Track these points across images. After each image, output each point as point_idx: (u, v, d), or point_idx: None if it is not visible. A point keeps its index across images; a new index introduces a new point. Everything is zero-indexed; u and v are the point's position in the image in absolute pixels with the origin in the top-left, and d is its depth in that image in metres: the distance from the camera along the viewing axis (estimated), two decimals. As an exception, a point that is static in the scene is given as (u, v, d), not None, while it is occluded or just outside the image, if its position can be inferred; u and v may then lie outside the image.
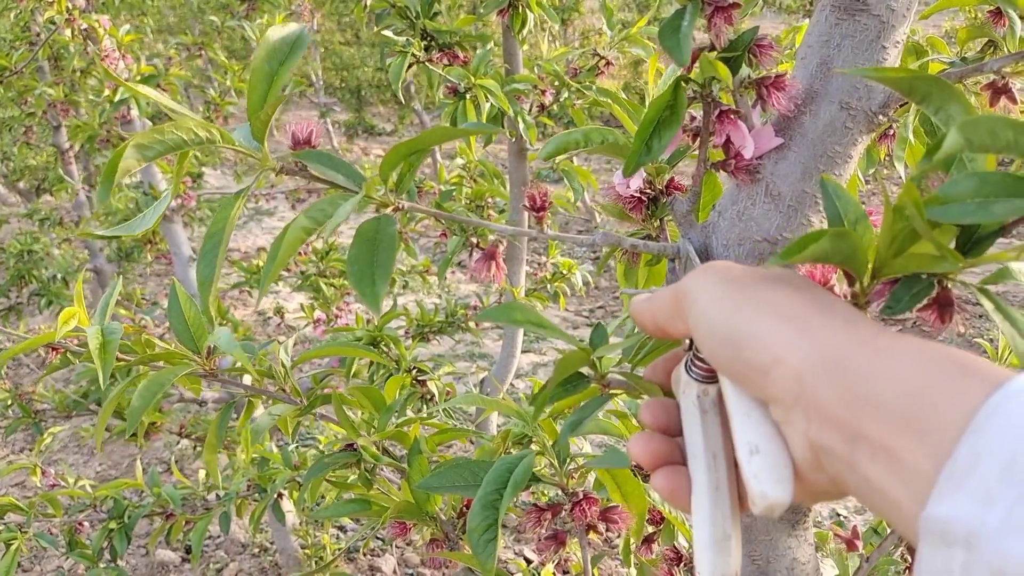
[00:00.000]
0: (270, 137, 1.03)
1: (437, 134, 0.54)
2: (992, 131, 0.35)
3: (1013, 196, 0.38)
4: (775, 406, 0.37)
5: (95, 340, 0.71)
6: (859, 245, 0.41)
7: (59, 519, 1.72)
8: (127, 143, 0.47)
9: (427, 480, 0.66)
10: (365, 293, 0.48)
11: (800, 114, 0.55)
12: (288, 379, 0.81)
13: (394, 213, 0.54)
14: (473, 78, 1.44)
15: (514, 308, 0.48)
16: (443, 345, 4.51)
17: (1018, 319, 0.41)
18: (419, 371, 1.73)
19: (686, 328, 0.42)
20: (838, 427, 0.33)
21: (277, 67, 0.51)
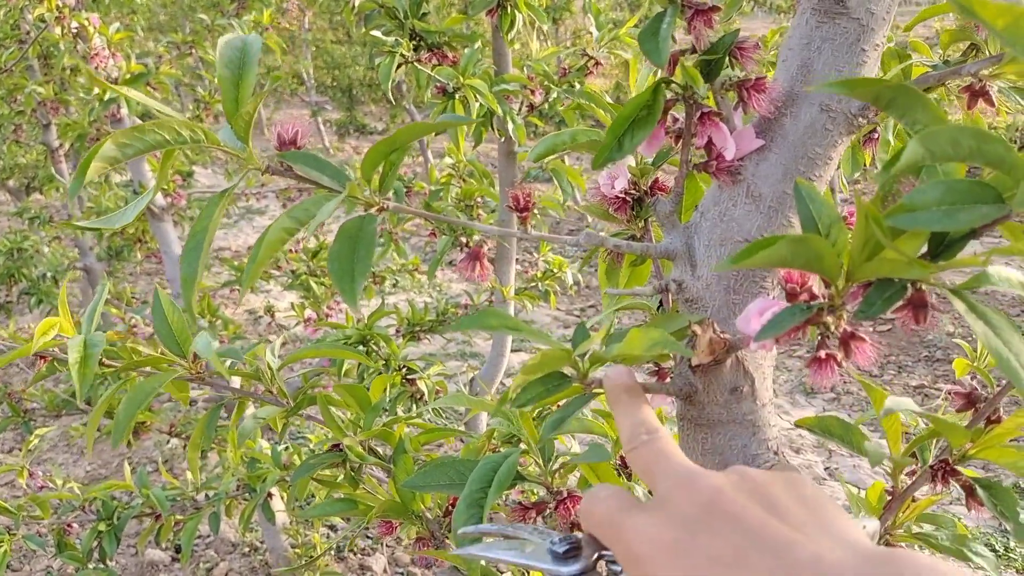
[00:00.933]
0: (260, 136, 1.01)
1: (416, 129, 0.54)
2: (954, 141, 0.36)
3: (979, 203, 0.39)
4: None
5: (76, 353, 0.71)
6: (823, 251, 0.41)
7: (48, 520, 1.72)
8: (106, 139, 0.47)
9: (413, 479, 0.66)
10: (345, 289, 0.49)
11: (781, 116, 0.55)
12: (275, 381, 0.81)
13: (378, 213, 0.55)
14: (462, 78, 1.44)
15: (488, 315, 0.48)
16: (434, 344, 4.51)
17: (992, 317, 0.41)
18: (408, 370, 1.73)
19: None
20: None
21: (237, 71, 0.52)
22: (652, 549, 0.39)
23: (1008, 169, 0.38)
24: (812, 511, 0.40)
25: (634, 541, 0.40)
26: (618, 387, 0.51)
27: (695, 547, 0.38)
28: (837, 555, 0.35)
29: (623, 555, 0.41)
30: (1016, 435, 0.55)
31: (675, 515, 0.40)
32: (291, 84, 9.06)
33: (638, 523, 0.40)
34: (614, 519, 0.42)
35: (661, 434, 0.47)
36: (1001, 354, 0.39)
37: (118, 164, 0.49)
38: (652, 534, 0.39)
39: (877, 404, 0.59)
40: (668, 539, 0.38)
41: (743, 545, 0.37)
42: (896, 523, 0.60)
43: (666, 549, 0.38)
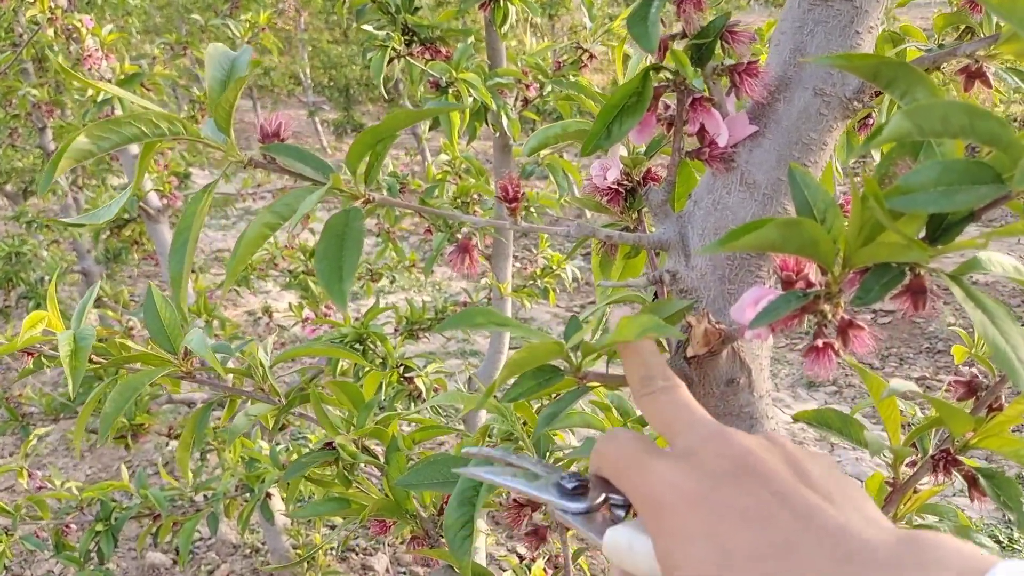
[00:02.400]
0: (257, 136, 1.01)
1: (401, 117, 0.53)
2: (944, 116, 0.35)
3: (977, 183, 0.38)
4: None
5: (66, 346, 0.70)
6: (817, 235, 0.40)
7: (46, 521, 1.71)
8: (79, 132, 0.46)
9: (405, 477, 0.65)
10: (333, 290, 0.47)
11: (774, 101, 0.54)
12: (266, 379, 0.80)
13: (364, 206, 0.54)
14: (455, 72, 1.43)
15: (476, 313, 0.47)
16: (434, 343, 4.50)
17: (989, 305, 0.40)
18: (406, 368, 1.72)
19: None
20: None
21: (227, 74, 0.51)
22: (675, 497, 0.38)
23: (1004, 147, 0.37)
24: (841, 487, 0.39)
25: (656, 486, 0.39)
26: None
27: (720, 499, 0.37)
28: (863, 529, 0.35)
29: (641, 499, 0.40)
30: (1018, 423, 0.54)
31: (702, 467, 0.39)
32: (288, 84, 9.04)
33: (661, 469, 0.39)
34: (634, 461, 0.41)
35: (678, 383, 0.46)
36: (998, 345, 0.38)
37: (93, 158, 0.48)
38: (676, 482, 0.38)
39: (874, 392, 0.58)
40: (692, 488, 0.38)
41: (771, 503, 0.36)
42: (897, 515, 0.59)
43: (690, 498, 0.37)
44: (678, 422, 0.43)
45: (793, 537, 0.35)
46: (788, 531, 0.35)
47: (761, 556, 0.34)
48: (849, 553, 0.34)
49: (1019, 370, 0.38)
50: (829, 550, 0.34)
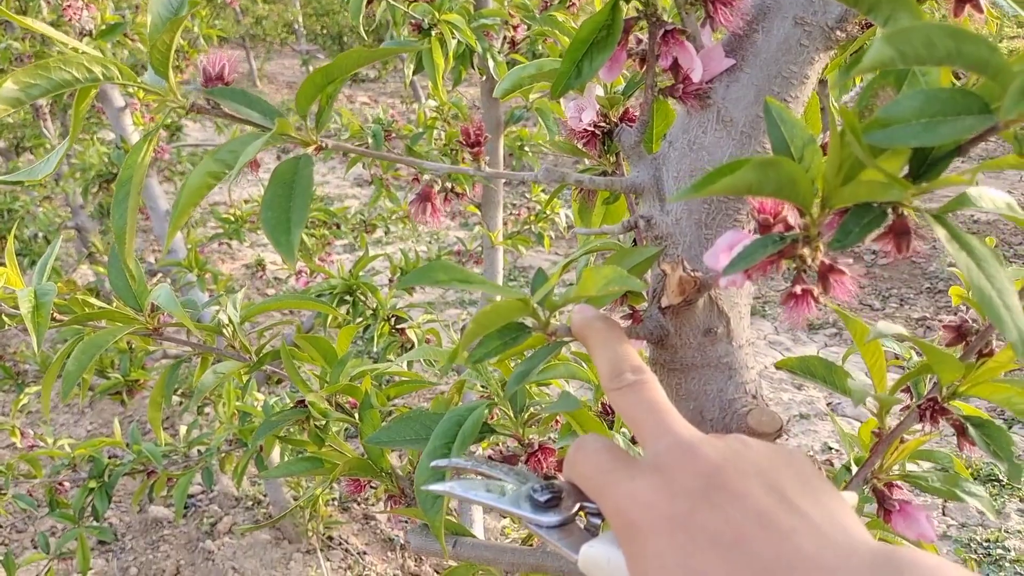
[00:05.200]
0: (252, 88, 0.95)
1: (354, 56, 0.49)
2: (928, 41, 0.32)
3: (963, 114, 0.34)
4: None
5: (27, 303, 0.67)
6: (795, 175, 0.37)
7: (40, 480, 1.70)
8: (5, 78, 0.43)
9: (377, 434, 0.63)
10: (280, 241, 0.45)
11: (752, 32, 0.51)
12: (236, 335, 0.77)
13: (316, 152, 0.51)
14: (438, 14, 1.38)
15: (436, 268, 0.44)
16: (432, 293, 4.48)
17: (975, 247, 0.37)
18: (397, 319, 1.70)
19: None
20: None
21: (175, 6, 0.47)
22: (648, 519, 0.37)
23: (993, 73, 0.34)
24: (815, 498, 0.37)
25: (628, 506, 0.38)
26: (588, 319, 0.47)
27: (693, 523, 0.36)
28: (839, 549, 0.34)
29: (614, 518, 0.38)
30: (1010, 368, 0.51)
31: (673, 484, 0.37)
32: (281, 33, 8.90)
33: (634, 488, 0.38)
34: (606, 477, 0.40)
35: (647, 377, 0.44)
36: (983, 291, 0.35)
37: (22, 106, 0.45)
38: (649, 502, 0.37)
39: (857, 336, 0.55)
40: (665, 510, 0.36)
41: (744, 526, 0.35)
42: (883, 467, 0.57)
43: (663, 520, 0.36)
44: (647, 426, 0.41)
45: (767, 562, 0.33)
46: (763, 557, 0.34)
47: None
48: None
49: (1005, 317, 0.35)
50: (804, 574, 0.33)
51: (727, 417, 0.53)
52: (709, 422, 0.54)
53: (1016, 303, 0.36)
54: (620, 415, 0.44)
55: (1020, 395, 0.49)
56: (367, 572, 2.62)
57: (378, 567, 2.65)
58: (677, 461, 0.38)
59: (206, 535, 2.78)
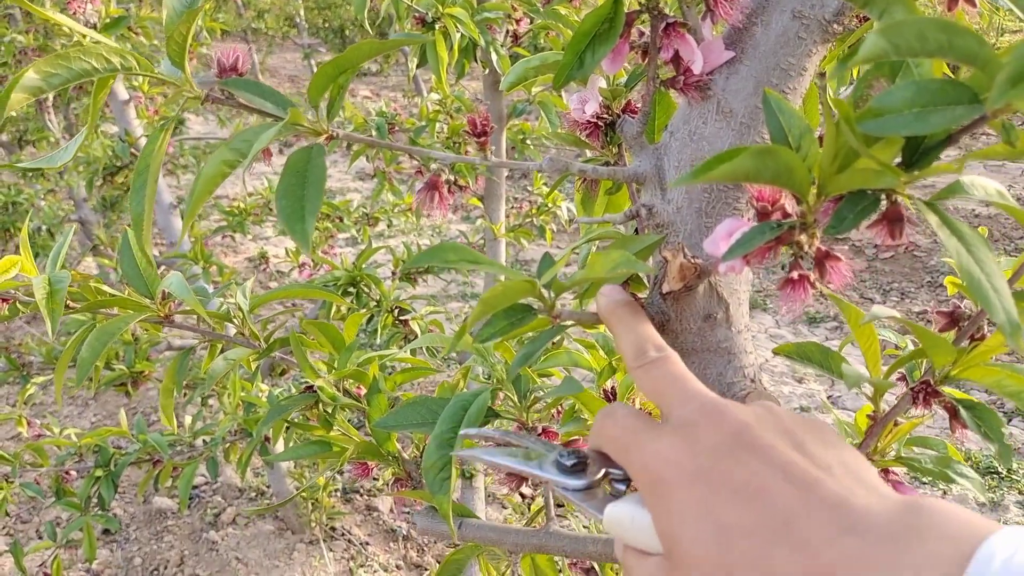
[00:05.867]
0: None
1: (364, 49, 0.51)
2: (920, 34, 0.33)
3: (953, 104, 0.36)
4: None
5: (42, 290, 0.69)
6: (792, 162, 0.38)
7: (46, 469, 1.72)
8: (27, 68, 0.44)
9: (384, 419, 0.64)
10: (295, 229, 0.46)
11: (751, 25, 0.52)
12: (246, 323, 0.79)
13: (327, 142, 0.52)
14: (441, 7, 1.39)
15: (446, 248, 0.45)
16: (435, 286, 4.50)
17: (965, 232, 0.39)
18: (401, 311, 1.71)
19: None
20: None
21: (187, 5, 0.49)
22: (673, 473, 0.38)
23: (982, 65, 0.35)
24: (840, 457, 0.39)
25: (654, 463, 0.39)
26: (614, 303, 0.49)
27: (718, 475, 0.37)
28: (863, 499, 0.35)
29: (640, 475, 0.40)
30: (1001, 352, 0.52)
31: (699, 441, 0.39)
32: (283, 27, 8.90)
33: (659, 446, 0.39)
34: (633, 437, 0.41)
35: (671, 354, 0.46)
36: (972, 273, 0.37)
37: (43, 95, 0.46)
38: (674, 458, 0.39)
39: (852, 320, 0.57)
40: (690, 465, 0.38)
41: (768, 478, 0.36)
42: (876, 449, 0.59)
43: (688, 474, 0.38)
44: (673, 394, 0.43)
45: (792, 511, 0.35)
46: (787, 505, 0.35)
47: (760, 531, 0.35)
48: (850, 525, 0.34)
49: (993, 300, 0.37)
50: (829, 522, 0.34)
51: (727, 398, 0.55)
52: (708, 405, 0.55)
53: (1004, 286, 0.38)
54: (644, 392, 0.45)
55: (1010, 377, 0.50)
56: (370, 563, 2.64)
57: (380, 558, 2.67)
58: (704, 420, 0.40)
59: (210, 526, 2.80)
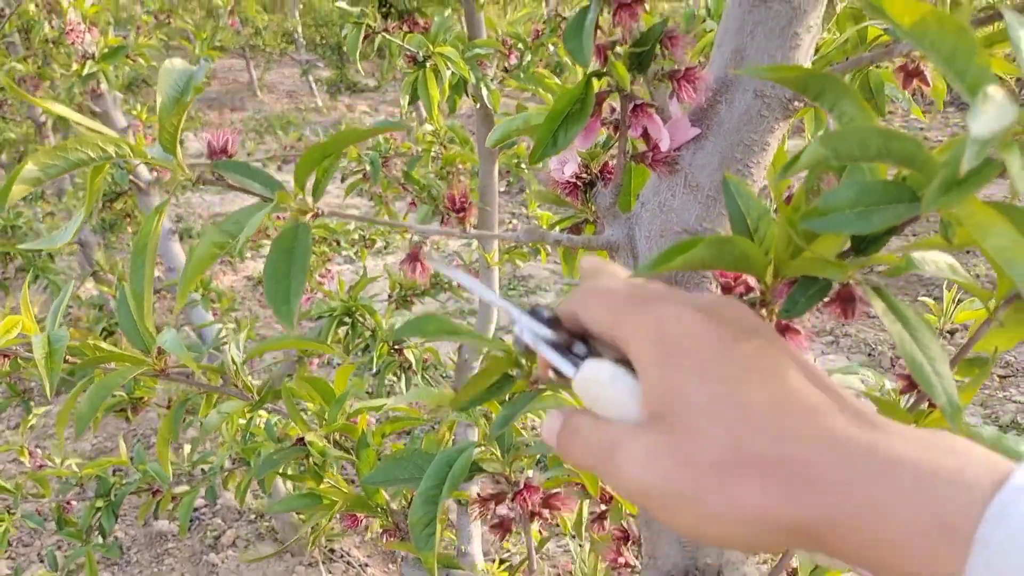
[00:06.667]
0: (252, 98, 0.97)
1: (349, 135, 0.53)
2: (861, 142, 0.36)
3: (894, 202, 0.38)
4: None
5: (41, 349, 0.71)
6: (748, 251, 0.41)
7: (48, 499, 1.74)
8: (27, 160, 0.47)
9: (373, 475, 0.67)
10: (280, 310, 0.49)
11: (716, 103, 0.55)
12: (239, 375, 0.81)
13: (313, 219, 0.54)
14: (432, 46, 1.42)
15: (426, 320, 0.48)
16: (432, 304, 4.52)
17: (909, 318, 0.41)
18: (395, 340, 1.73)
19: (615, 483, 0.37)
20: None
21: (182, 87, 0.51)
22: (692, 342, 0.36)
23: (920, 166, 0.38)
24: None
25: (671, 329, 0.36)
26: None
27: (743, 353, 0.36)
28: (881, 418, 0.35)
29: (642, 335, 0.37)
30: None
31: (723, 320, 0.37)
32: (280, 44, 8.95)
33: (670, 311, 0.37)
34: (627, 307, 0.39)
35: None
36: (915, 359, 0.39)
37: (42, 184, 0.49)
38: (689, 322, 0.37)
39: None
40: (714, 336, 0.36)
41: (793, 371, 0.36)
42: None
43: (710, 345, 0.36)
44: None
45: (817, 404, 0.34)
46: (812, 397, 0.34)
47: (783, 413, 0.34)
48: (874, 423, 0.33)
49: (935, 383, 0.39)
50: (853, 417, 0.34)
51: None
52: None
53: (946, 370, 0.40)
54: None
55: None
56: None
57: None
58: (725, 304, 0.39)
59: (210, 548, 2.81)
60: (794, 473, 0.32)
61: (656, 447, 0.35)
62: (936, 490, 0.31)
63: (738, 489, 0.33)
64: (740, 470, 0.33)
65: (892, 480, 0.31)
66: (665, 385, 0.35)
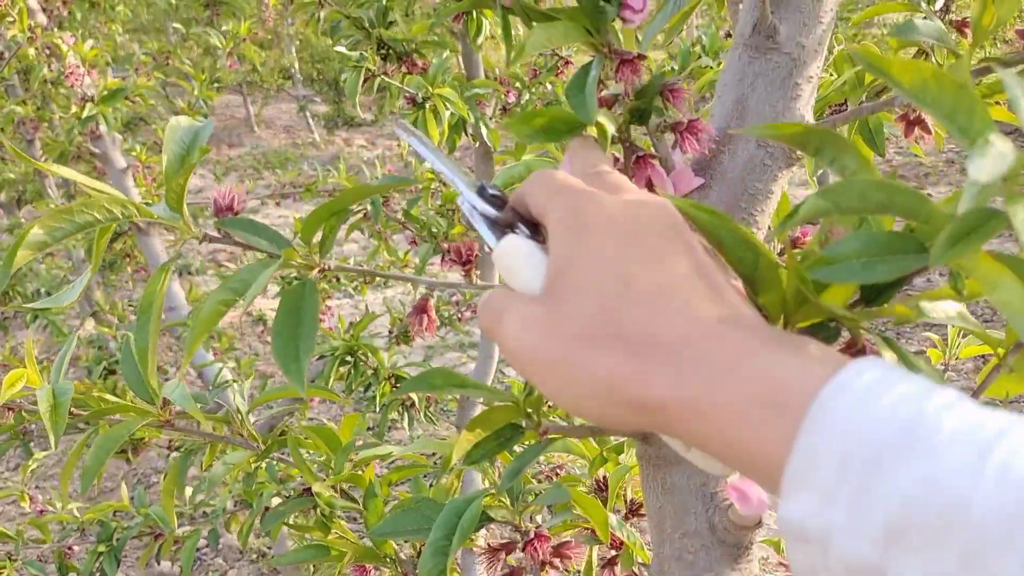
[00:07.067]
0: (249, 133, 0.97)
1: (357, 192, 0.54)
2: (862, 194, 0.36)
3: (899, 253, 0.38)
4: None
5: (46, 402, 0.71)
6: (769, 275, 0.41)
7: (49, 545, 1.73)
8: (33, 224, 0.47)
9: (381, 526, 0.66)
10: (290, 369, 0.48)
11: (719, 153, 0.55)
12: (244, 424, 0.81)
13: (319, 274, 0.55)
14: (431, 88, 1.43)
15: (434, 375, 0.48)
16: (433, 338, 4.51)
17: (921, 369, 0.41)
18: (397, 378, 1.73)
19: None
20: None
21: (188, 144, 0.51)
22: (601, 220, 0.38)
23: (924, 220, 0.38)
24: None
25: (584, 205, 0.38)
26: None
27: (649, 247, 0.37)
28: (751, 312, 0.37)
29: (562, 213, 0.39)
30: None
31: (639, 211, 0.38)
32: (277, 79, 9.02)
33: (594, 198, 0.39)
34: (570, 187, 0.40)
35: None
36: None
37: (48, 248, 0.49)
38: (608, 207, 0.38)
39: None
40: (622, 219, 0.38)
41: (687, 268, 0.37)
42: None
43: (614, 226, 0.38)
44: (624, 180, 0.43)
45: (698, 295, 0.36)
46: (696, 289, 0.36)
47: (662, 298, 0.35)
48: (743, 321, 0.36)
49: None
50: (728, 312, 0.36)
51: (709, 510, 0.57)
52: (692, 513, 0.57)
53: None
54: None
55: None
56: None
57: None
58: (652, 202, 0.39)
59: (212, 589, 2.79)
60: (652, 353, 0.34)
61: (534, 313, 0.36)
62: (773, 369, 0.32)
63: (596, 360, 0.34)
64: (603, 342, 0.34)
65: (736, 365, 0.33)
66: (564, 259, 0.37)
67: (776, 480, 0.31)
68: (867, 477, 0.28)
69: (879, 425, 0.29)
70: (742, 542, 0.57)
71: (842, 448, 0.29)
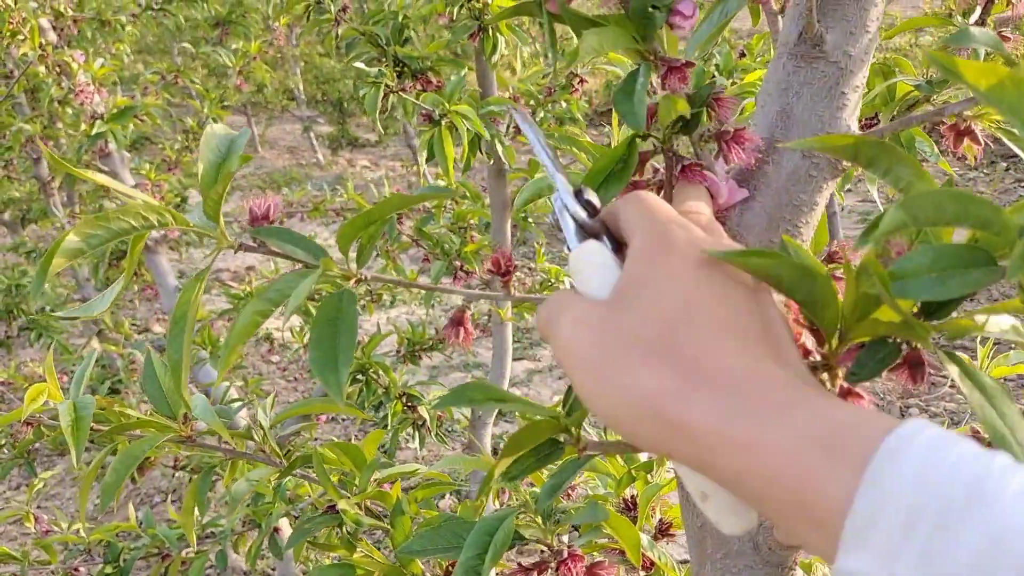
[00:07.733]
0: (254, 153, 0.97)
1: (394, 202, 0.53)
2: (938, 205, 0.35)
3: (970, 267, 0.37)
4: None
5: (67, 417, 0.70)
6: (824, 293, 0.40)
7: (55, 565, 1.71)
8: (69, 231, 0.46)
9: (410, 544, 0.65)
10: (329, 381, 0.47)
11: (763, 164, 0.54)
12: (267, 440, 0.80)
13: (356, 284, 0.54)
14: (448, 104, 1.43)
15: (473, 389, 0.47)
16: (437, 357, 4.50)
17: (987, 385, 0.40)
18: (409, 397, 1.72)
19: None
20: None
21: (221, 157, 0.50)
22: (683, 250, 0.39)
23: (997, 231, 0.37)
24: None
25: (672, 233, 0.39)
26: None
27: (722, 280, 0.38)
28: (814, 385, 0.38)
29: (647, 233, 0.40)
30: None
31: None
32: (282, 100, 9.05)
33: (682, 232, 0.40)
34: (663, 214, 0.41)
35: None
36: (995, 427, 0.38)
37: (83, 256, 0.48)
38: (691, 243, 0.40)
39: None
40: (706, 260, 0.38)
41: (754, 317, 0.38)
42: None
43: (697, 259, 0.39)
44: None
45: (756, 337, 0.37)
46: (754, 331, 0.37)
47: (724, 331, 0.36)
48: (800, 381, 0.35)
49: (1018, 454, 0.38)
50: (784, 364, 0.36)
51: (754, 530, 0.55)
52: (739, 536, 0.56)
53: (1026, 438, 0.39)
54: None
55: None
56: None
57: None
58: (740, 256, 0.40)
59: (216, 611, 2.76)
60: (704, 379, 0.34)
61: (596, 313, 0.37)
62: (829, 412, 0.32)
63: (646, 371, 0.34)
64: (656, 357, 0.35)
65: (789, 405, 0.33)
66: (638, 275, 0.38)
67: (824, 522, 0.30)
68: (936, 532, 0.27)
69: (946, 480, 0.28)
70: (786, 562, 0.56)
71: (910, 502, 0.28)
